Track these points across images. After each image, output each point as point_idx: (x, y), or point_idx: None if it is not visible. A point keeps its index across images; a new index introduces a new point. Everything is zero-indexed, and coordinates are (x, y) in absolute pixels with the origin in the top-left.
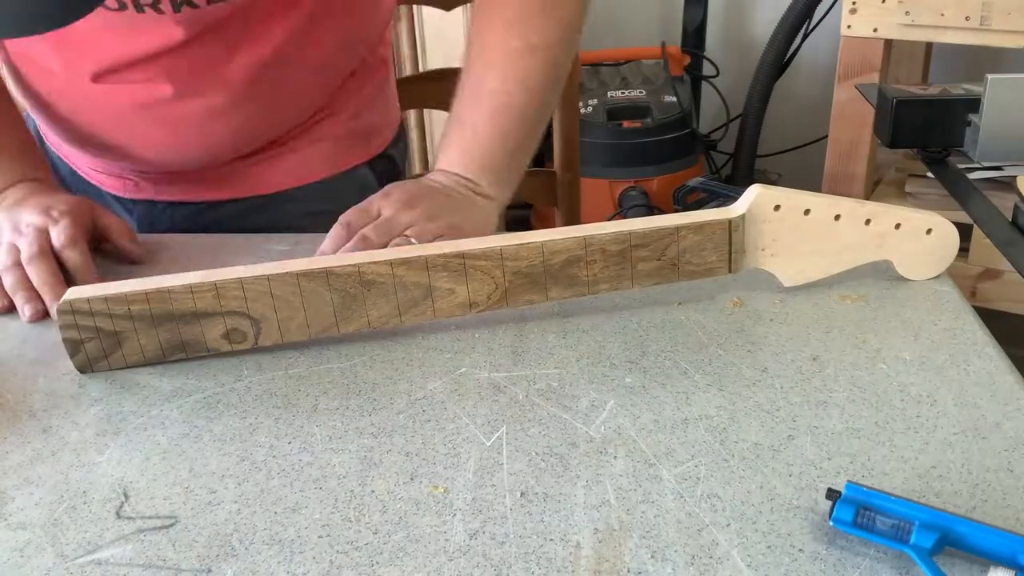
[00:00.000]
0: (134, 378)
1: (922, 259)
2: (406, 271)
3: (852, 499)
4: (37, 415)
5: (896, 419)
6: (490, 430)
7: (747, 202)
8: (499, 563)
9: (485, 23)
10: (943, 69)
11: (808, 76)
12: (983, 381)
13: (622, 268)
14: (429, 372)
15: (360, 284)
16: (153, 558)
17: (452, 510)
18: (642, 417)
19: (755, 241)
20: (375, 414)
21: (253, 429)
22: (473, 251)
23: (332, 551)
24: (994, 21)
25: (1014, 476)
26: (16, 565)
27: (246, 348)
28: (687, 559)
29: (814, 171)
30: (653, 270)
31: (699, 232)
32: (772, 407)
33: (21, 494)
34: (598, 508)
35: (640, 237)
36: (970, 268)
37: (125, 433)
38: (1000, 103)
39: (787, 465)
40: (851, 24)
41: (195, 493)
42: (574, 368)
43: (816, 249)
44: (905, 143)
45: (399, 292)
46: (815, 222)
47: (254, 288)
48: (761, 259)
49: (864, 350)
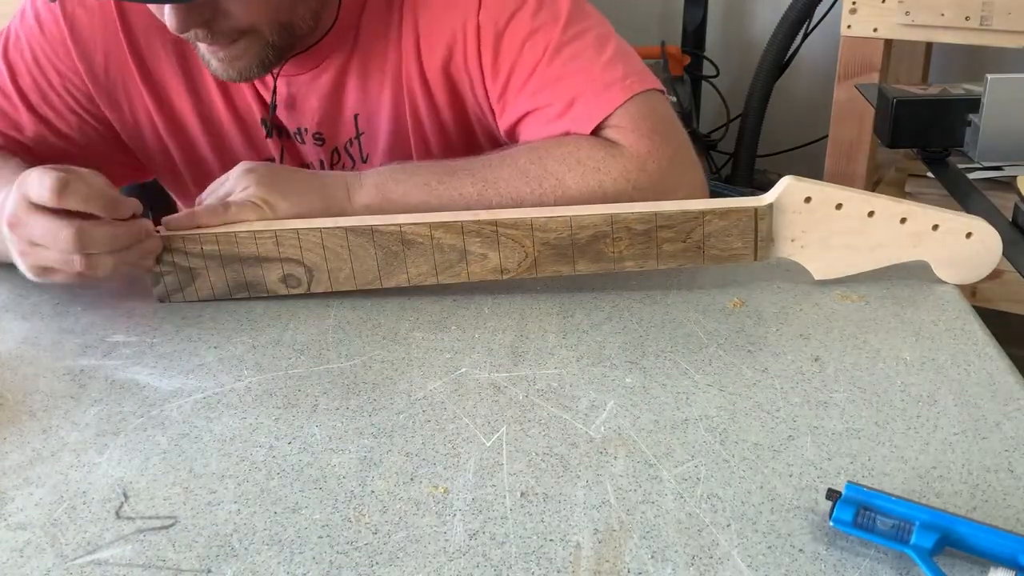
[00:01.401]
0: (134, 378)
1: (961, 262)
2: (444, 234)
3: (852, 499)
4: (37, 415)
5: (896, 419)
6: (490, 430)
7: (776, 192)
8: (499, 563)
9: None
10: (943, 69)
11: (808, 76)
12: (983, 381)
13: (647, 247)
14: (429, 372)
15: (401, 243)
16: (153, 558)
17: (452, 510)
18: (642, 417)
19: (784, 231)
20: (375, 414)
21: (253, 429)
22: (505, 220)
23: (332, 551)
24: (994, 21)
25: (1014, 476)
26: (16, 565)
27: (301, 292)
28: (687, 559)
29: (814, 171)
30: (678, 251)
31: (725, 218)
32: (772, 407)
33: (21, 494)
34: (598, 508)
35: (666, 218)
36: None
37: (125, 433)
38: (1000, 103)
39: (787, 465)
40: (851, 24)
41: (195, 493)
42: (574, 368)
43: (848, 244)
44: (905, 143)
45: (436, 253)
46: (847, 217)
47: (308, 239)
48: (790, 250)
49: (864, 350)
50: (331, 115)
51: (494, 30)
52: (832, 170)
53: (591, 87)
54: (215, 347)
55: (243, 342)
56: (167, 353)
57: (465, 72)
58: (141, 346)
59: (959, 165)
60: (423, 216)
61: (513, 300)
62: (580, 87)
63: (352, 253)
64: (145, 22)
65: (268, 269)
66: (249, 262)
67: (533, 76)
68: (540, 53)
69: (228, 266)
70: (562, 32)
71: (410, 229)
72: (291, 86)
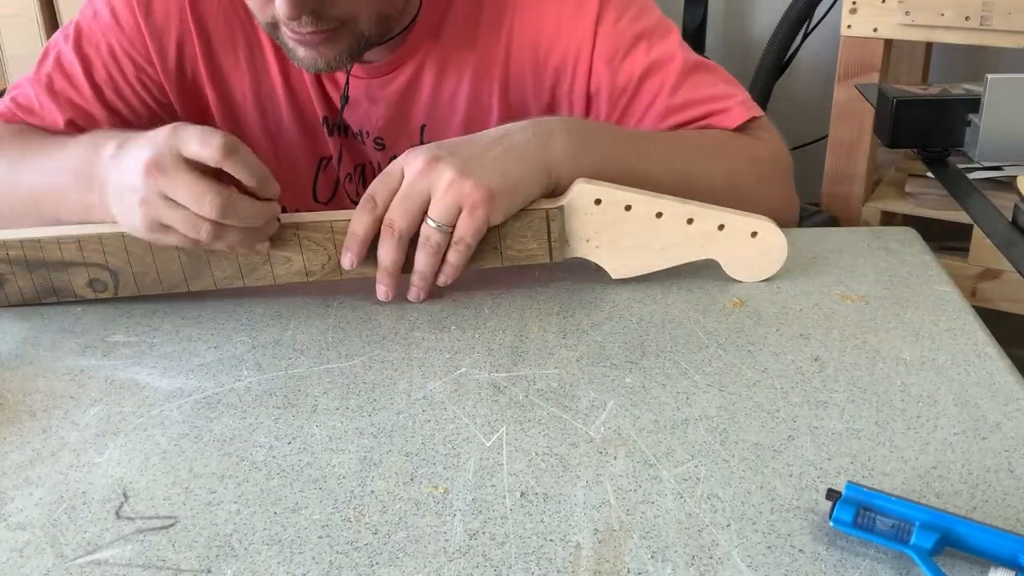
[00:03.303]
0: (134, 378)
1: (749, 261)
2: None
3: (852, 499)
4: (37, 415)
5: (896, 419)
6: (490, 430)
7: (569, 194)
8: (499, 563)
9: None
10: (943, 69)
11: (808, 76)
12: (983, 381)
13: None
14: (429, 372)
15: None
16: (153, 558)
17: (452, 510)
18: (642, 417)
19: (579, 232)
20: (375, 414)
21: (253, 429)
22: (306, 224)
23: (332, 551)
24: (994, 21)
25: (1014, 476)
26: (16, 565)
27: (109, 296)
28: (687, 559)
29: (814, 171)
30: (476, 253)
31: (517, 219)
32: (772, 407)
33: (21, 494)
34: (598, 508)
35: None
36: (970, 268)
37: (125, 433)
38: (1000, 103)
39: (787, 465)
40: (851, 24)
41: (195, 493)
42: (574, 368)
43: (640, 244)
44: (905, 143)
45: (240, 257)
46: (637, 218)
47: (111, 243)
48: (586, 250)
49: (864, 350)
50: (396, 122)
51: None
52: (832, 170)
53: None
54: (215, 347)
55: (243, 342)
56: (167, 353)
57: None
58: (141, 346)
59: (959, 165)
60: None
61: (513, 300)
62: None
63: (156, 257)
64: (216, 11)
65: (74, 274)
66: (55, 267)
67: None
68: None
69: (35, 272)
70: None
71: None
72: (361, 88)
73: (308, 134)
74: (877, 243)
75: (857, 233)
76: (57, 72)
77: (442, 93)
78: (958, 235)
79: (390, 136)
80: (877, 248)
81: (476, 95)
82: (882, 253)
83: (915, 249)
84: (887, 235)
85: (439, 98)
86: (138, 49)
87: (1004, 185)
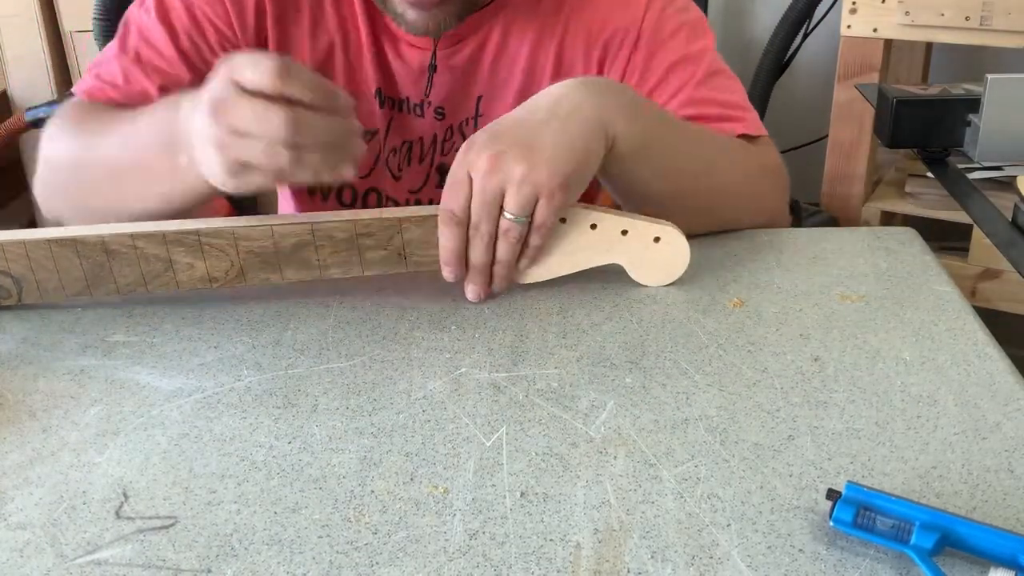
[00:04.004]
0: (134, 378)
1: (652, 266)
2: (145, 243)
3: (852, 499)
4: (37, 415)
5: (896, 419)
6: (490, 430)
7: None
8: (499, 563)
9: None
10: (943, 69)
11: (808, 76)
12: (983, 381)
13: (350, 255)
14: (429, 372)
15: (104, 253)
16: (153, 558)
17: (452, 510)
18: (642, 417)
19: None
20: (375, 414)
21: (253, 429)
22: (207, 230)
23: (332, 551)
24: (994, 21)
25: (1014, 476)
26: (16, 565)
27: (13, 304)
28: (687, 559)
29: (814, 171)
30: (381, 259)
31: (422, 225)
32: (772, 407)
33: (21, 494)
34: (598, 508)
35: (365, 226)
36: (970, 268)
37: (125, 433)
38: (1000, 103)
39: (787, 465)
40: (851, 24)
41: (195, 493)
42: (574, 368)
43: (547, 249)
44: (905, 143)
45: (141, 263)
46: None
47: (12, 250)
48: None
49: (864, 350)
50: (457, 92)
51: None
52: (832, 170)
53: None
54: (215, 347)
55: (243, 342)
56: (167, 353)
57: (609, 75)
58: (141, 346)
59: (959, 165)
60: (124, 226)
61: (513, 300)
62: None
63: (57, 264)
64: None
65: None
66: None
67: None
68: (688, 77)
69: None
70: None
71: (112, 239)
72: (430, 58)
73: (357, 105)
74: (877, 243)
75: (857, 233)
76: (143, 43)
77: (501, 64)
78: (958, 235)
79: (450, 105)
80: (877, 248)
81: (532, 66)
82: (882, 253)
83: (915, 249)
84: (887, 235)
85: (498, 68)
86: (220, 16)
87: (1004, 185)
